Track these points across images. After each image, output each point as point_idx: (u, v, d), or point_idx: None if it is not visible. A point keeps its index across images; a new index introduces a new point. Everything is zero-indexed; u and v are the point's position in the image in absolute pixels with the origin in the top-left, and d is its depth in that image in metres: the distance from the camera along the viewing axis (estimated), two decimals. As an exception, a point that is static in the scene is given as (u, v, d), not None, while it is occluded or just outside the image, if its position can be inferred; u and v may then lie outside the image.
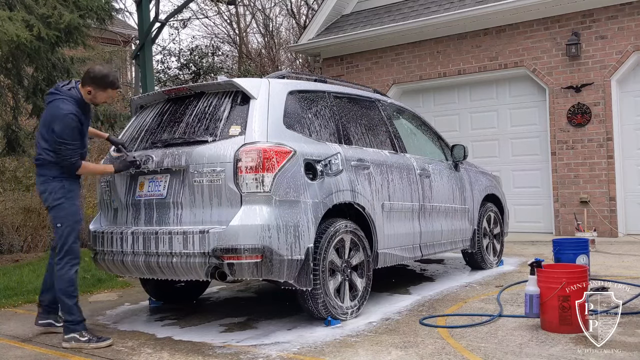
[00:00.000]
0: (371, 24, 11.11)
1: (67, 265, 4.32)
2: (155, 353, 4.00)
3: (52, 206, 4.37)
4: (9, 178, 9.94)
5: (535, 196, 9.84)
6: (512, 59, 9.79)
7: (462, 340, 3.96)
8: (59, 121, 4.24)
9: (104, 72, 4.44)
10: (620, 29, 8.90)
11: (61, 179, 4.37)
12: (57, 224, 4.36)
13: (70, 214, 4.36)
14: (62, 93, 4.36)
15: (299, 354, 3.83)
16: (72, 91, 4.38)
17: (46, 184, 4.37)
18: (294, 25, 21.37)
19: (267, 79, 4.67)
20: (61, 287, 4.31)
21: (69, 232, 4.33)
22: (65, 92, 4.36)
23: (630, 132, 9.11)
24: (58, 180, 4.36)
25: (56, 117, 4.26)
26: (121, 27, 17.00)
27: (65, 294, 4.30)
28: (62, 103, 4.29)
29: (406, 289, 5.81)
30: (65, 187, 4.37)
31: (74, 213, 4.38)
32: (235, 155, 4.16)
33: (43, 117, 4.48)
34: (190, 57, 16.20)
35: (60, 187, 4.35)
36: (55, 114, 4.27)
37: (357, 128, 5.23)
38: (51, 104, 4.36)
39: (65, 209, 4.35)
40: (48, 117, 4.35)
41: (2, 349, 4.31)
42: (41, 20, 6.52)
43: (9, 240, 10.09)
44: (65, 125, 4.24)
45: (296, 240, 4.18)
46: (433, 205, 5.79)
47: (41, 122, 4.51)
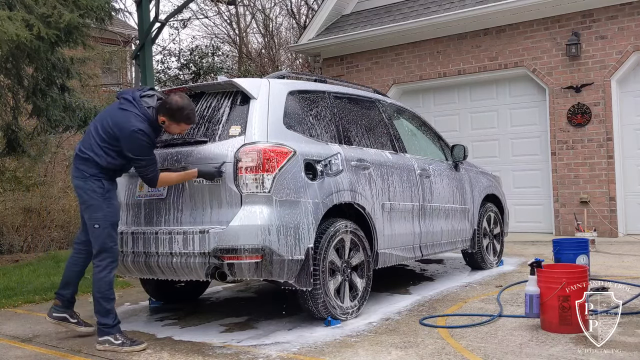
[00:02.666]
0: (371, 24, 11.11)
1: (107, 267, 4.15)
2: (155, 353, 4.00)
3: (88, 205, 4.18)
4: (9, 178, 9.93)
5: (535, 196, 9.84)
6: (512, 59, 9.79)
7: (462, 341, 3.96)
8: (128, 138, 4.07)
9: (181, 104, 4.17)
10: (620, 29, 8.90)
11: (100, 177, 4.18)
12: (94, 224, 4.17)
13: (109, 215, 4.17)
14: (138, 108, 4.15)
15: (299, 354, 3.83)
16: (150, 111, 4.18)
17: (83, 181, 4.18)
18: (294, 25, 21.38)
19: (267, 79, 4.67)
20: (100, 290, 4.16)
21: (108, 234, 4.17)
22: (142, 109, 4.16)
23: (630, 132, 9.11)
24: (96, 179, 4.17)
25: (125, 131, 4.07)
26: (121, 27, 16.99)
27: (104, 297, 4.15)
28: (134, 118, 4.09)
29: (406, 289, 5.80)
30: (105, 186, 4.18)
31: (112, 214, 4.19)
32: (235, 155, 4.16)
33: (107, 116, 4.23)
34: (190, 57, 16.19)
35: (98, 187, 4.16)
36: (124, 128, 4.08)
37: (357, 128, 5.23)
38: (124, 113, 4.14)
39: (102, 210, 4.16)
40: (114, 125, 4.13)
41: (2, 349, 4.31)
42: (41, 19, 6.52)
43: (9, 240, 10.09)
44: (136, 143, 4.08)
45: (296, 241, 4.18)
46: (433, 205, 5.79)
47: (103, 119, 4.25)
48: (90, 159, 4.17)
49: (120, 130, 4.10)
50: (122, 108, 4.18)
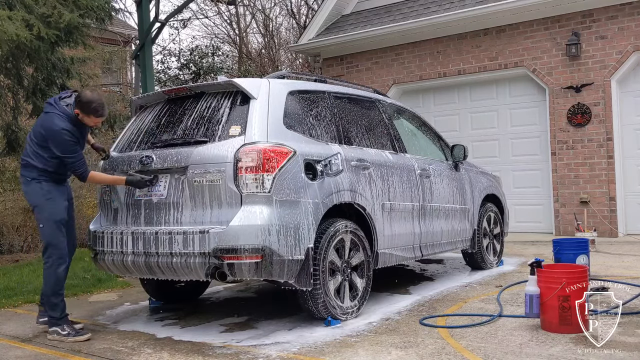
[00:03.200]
0: (371, 24, 11.11)
1: (54, 264, 4.45)
2: (155, 353, 4.01)
3: (33, 207, 4.52)
4: (9, 178, 9.93)
5: (535, 196, 9.84)
6: (512, 59, 9.79)
7: (462, 341, 3.96)
8: (53, 138, 4.35)
9: (89, 98, 4.45)
10: (620, 29, 8.90)
11: (39, 180, 4.46)
12: (39, 224, 4.51)
13: (51, 215, 4.44)
14: (58, 108, 4.45)
15: (299, 354, 3.83)
16: (68, 108, 4.46)
17: (26, 185, 4.51)
18: (294, 25, 21.38)
19: (267, 79, 4.67)
20: (49, 286, 4.43)
21: (51, 232, 4.43)
22: (61, 108, 4.45)
23: (630, 132, 9.11)
24: (36, 182, 4.46)
25: (50, 131, 4.36)
26: (121, 27, 17.00)
27: (54, 293, 4.42)
28: (57, 118, 4.38)
29: (406, 289, 5.80)
30: (44, 188, 4.46)
31: (54, 213, 4.45)
32: (235, 155, 4.16)
33: (38, 122, 4.59)
34: (190, 57, 16.19)
35: (39, 189, 4.46)
36: (49, 128, 4.37)
37: (357, 128, 5.23)
38: (47, 115, 4.45)
39: (45, 210, 4.45)
40: (41, 127, 4.45)
41: (2, 349, 4.31)
42: (41, 19, 6.52)
43: (9, 240, 10.09)
44: (60, 141, 4.35)
45: (296, 241, 4.18)
46: (433, 205, 5.78)
47: (35, 125, 4.60)
48: (29, 164, 4.49)
49: (47, 131, 4.39)
50: (46, 112, 4.50)
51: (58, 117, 4.38)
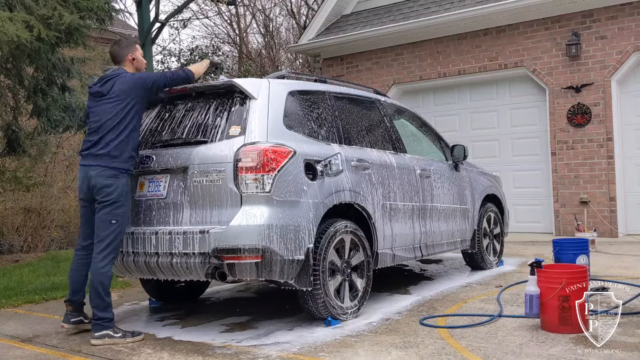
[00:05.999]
0: (371, 24, 11.11)
1: (110, 262, 4.28)
2: (155, 353, 4.01)
3: (114, 201, 4.26)
4: (9, 178, 9.94)
5: (535, 196, 9.84)
6: (512, 59, 9.79)
7: (462, 341, 3.96)
8: (139, 77, 4.46)
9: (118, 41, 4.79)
10: (620, 29, 8.90)
11: (126, 174, 4.35)
12: (111, 220, 4.26)
13: (127, 213, 4.37)
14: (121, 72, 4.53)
15: (299, 354, 3.83)
16: None
17: (115, 179, 4.28)
18: (294, 26, 21.38)
19: (267, 79, 4.67)
20: (102, 284, 4.22)
21: (121, 230, 4.31)
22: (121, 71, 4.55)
23: (630, 132, 9.11)
24: (126, 176, 4.34)
25: (132, 79, 4.42)
26: (121, 27, 16.98)
27: (105, 291, 4.24)
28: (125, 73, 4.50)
29: (406, 289, 5.81)
30: (128, 184, 4.38)
31: (128, 212, 4.40)
32: (235, 155, 4.16)
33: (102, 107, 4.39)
34: (190, 57, 16.21)
35: (125, 184, 4.33)
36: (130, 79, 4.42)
37: (357, 128, 5.23)
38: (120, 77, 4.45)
39: (124, 207, 4.32)
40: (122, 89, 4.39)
41: (2, 349, 4.31)
42: (41, 21, 6.52)
43: (9, 241, 10.09)
44: (145, 75, 4.53)
45: (296, 241, 4.18)
46: (433, 205, 5.79)
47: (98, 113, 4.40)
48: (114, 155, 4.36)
49: (130, 82, 4.44)
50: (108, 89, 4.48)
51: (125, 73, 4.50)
